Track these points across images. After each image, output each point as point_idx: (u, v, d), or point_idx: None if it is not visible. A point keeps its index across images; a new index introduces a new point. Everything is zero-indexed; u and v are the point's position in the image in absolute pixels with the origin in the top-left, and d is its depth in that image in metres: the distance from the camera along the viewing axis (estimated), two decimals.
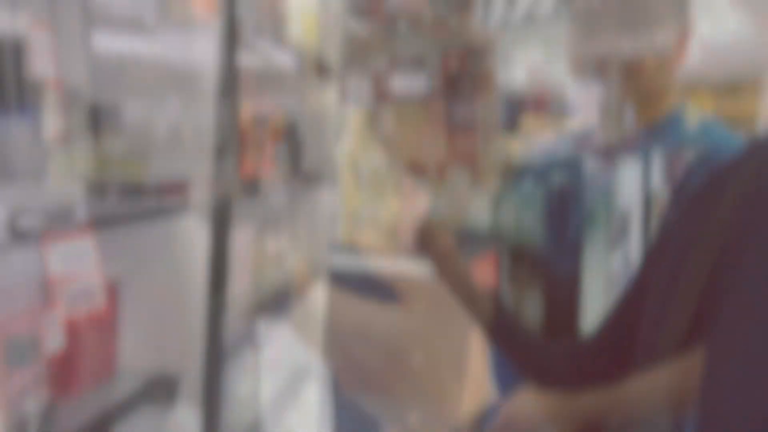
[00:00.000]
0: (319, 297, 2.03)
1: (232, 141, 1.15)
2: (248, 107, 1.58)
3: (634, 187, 1.11)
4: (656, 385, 0.77)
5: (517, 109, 3.19)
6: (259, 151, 1.54)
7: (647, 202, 1.10)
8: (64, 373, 1.00)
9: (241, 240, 1.51)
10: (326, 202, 1.98)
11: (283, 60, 1.52)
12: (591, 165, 1.17)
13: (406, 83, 1.08)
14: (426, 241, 0.95)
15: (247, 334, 1.37)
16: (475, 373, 1.02)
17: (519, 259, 1.19)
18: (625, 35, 1.07)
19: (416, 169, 1.13)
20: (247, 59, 1.50)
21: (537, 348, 0.86)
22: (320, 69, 1.82)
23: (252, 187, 1.37)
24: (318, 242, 1.97)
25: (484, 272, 1.17)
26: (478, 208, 1.19)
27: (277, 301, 1.59)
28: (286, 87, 1.93)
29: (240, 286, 1.53)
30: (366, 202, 3.25)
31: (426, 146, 1.10)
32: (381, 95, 1.11)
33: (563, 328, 1.09)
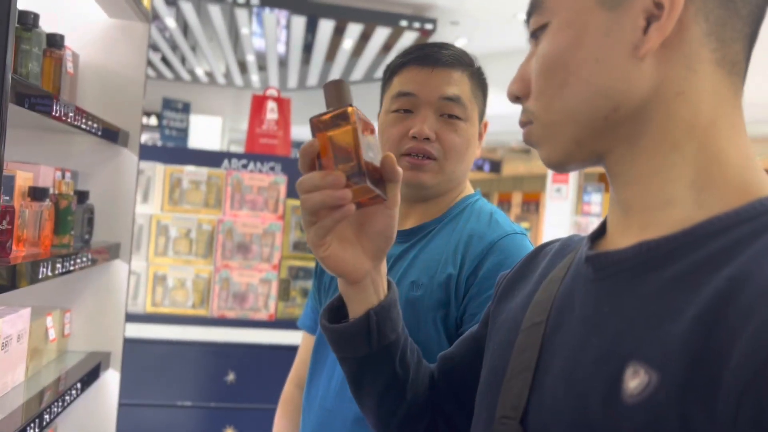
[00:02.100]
0: (110, 378, 1.89)
1: None
2: (26, 177, 1.45)
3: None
4: None
5: None
6: (38, 225, 1.41)
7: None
8: None
9: (18, 326, 1.36)
10: (123, 271, 1.86)
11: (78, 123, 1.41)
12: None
13: None
14: None
15: None
16: None
17: None
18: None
19: None
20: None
21: None
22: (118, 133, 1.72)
23: (28, 267, 1.24)
24: (115, 314, 1.84)
25: None
26: None
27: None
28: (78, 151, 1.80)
29: (14, 377, 1.38)
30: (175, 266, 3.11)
31: None
32: None
33: None
